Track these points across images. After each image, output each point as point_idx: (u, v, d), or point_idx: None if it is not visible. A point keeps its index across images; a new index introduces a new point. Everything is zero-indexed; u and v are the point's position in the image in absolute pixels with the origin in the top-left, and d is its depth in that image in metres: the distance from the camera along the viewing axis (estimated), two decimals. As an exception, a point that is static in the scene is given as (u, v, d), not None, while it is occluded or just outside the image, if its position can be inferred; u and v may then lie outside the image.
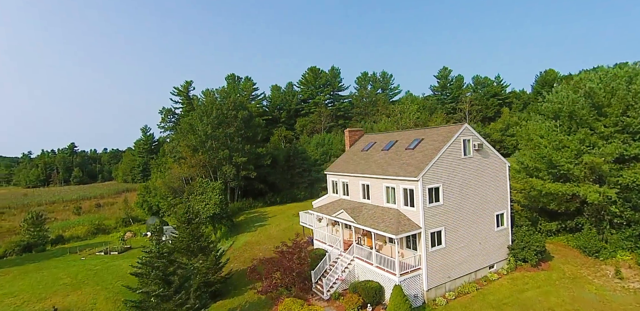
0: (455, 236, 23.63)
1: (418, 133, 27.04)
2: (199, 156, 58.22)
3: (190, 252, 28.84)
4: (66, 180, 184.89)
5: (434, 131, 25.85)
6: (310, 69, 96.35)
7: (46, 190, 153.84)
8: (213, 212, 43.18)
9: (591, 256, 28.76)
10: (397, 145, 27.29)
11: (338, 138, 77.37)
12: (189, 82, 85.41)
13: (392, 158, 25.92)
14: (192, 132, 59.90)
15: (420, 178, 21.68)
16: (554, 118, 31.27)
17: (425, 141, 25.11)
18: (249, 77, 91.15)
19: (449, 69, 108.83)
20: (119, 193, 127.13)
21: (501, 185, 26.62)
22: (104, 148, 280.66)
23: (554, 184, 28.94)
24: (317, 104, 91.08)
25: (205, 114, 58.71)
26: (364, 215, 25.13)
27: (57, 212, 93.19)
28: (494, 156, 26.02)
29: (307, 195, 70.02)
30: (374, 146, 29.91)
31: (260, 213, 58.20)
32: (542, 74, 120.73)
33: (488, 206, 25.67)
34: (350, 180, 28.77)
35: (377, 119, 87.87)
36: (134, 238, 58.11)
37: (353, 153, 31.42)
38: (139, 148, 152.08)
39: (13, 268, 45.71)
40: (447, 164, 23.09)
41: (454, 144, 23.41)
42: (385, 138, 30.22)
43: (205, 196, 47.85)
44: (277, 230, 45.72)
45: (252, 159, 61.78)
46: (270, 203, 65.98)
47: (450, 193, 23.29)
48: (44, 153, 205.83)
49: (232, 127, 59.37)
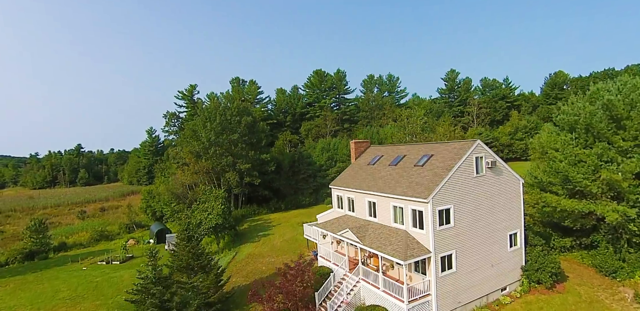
0: (466, 259, 22.46)
1: (427, 148, 25.86)
2: (202, 163, 57.39)
3: (190, 270, 27.90)
4: (72, 181, 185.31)
5: (443, 146, 24.65)
6: (316, 72, 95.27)
7: (52, 191, 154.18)
8: (215, 222, 42.24)
9: (608, 276, 27.44)
10: (405, 161, 26.13)
11: (344, 143, 76.29)
12: (193, 85, 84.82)
13: (399, 175, 24.77)
14: (195, 138, 59.08)
15: (430, 200, 20.54)
16: (570, 131, 29.93)
17: (434, 157, 23.94)
18: (253, 81, 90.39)
19: (456, 71, 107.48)
20: (124, 195, 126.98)
21: (515, 203, 25.39)
22: (111, 149, 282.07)
23: (569, 201, 27.63)
24: (323, 108, 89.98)
25: (208, 120, 57.85)
26: (370, 235, 24.02)
27: (61, 216, 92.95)
28: (507, 173, 24.79)
29: (312, 201, 69.13)
30: (380, 160, 28.76)
31: (264, 221, 57.27)
32: (552, 75, 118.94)
33: (501, 226, 24.45)
34: (356, 196, 27.66)
35: (384, 123, 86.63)
36: (136, 245, 57.41)
37: (359, 167, 30.29)
38: (144, 150, 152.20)
39: (14, 278, 45.20)
40: (458, 184, 21.91)
41: (466, 162, 22.23)
42: (392, 151, 29.06)
43: (208, 205, 46.98)
44: (281, 240, 44.75)
45: (256, 165, 60.88)
46: (275, 209, 65.08)
47: (462, 214, 22.12)
48: (50, 154, 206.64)
49: (236, 133, 58.44)
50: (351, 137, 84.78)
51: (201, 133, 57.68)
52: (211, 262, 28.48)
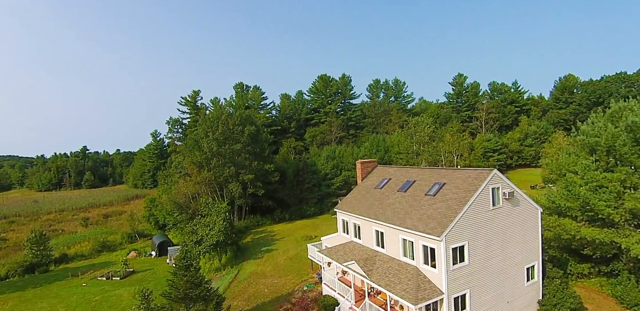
0: (481, 298, 20.95)
1: (438, 174, 24.33)
2: (205, 174, 56.17)
3: (189, 299, 26.62)
4: (78, 183, 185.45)
5: (456, 174, 23.12)
6: (320, 77, 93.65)
7: (57, 194, 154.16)
8: (217, 239, 40.98)
9: (629, 309, 25.78)
10: (415, 187, 24.64)
11: (349, 151, 74.86)
12: (196, 91, 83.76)
13: (409, 204, 23.29)
14: (197, 148, 57.89)
15: (444, 238, 19.05)
16: (590, 153, 28.24)
17: (447, 187, 22.43)
18: (257, 86, 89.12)
19: (464, 75, 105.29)
20: (128, 200, 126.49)
21: (532, 233, 23.83)
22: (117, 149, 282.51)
23: (589, 229, 26.00)
24: (328, 114, 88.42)
25: (210, 129, 56.63)
26: (378, 269, 22.58)
27: (65, 222, 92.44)
28: (525, 202, 23.23)
29: (317, 210, 67.81)
30: (388, 184, 27.28)
31: (268, 234, 55.99)
32: (562, 79, 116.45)
33: (517, 259, 22.91)
34: (362, 223, 26.22)
35: (390, 130, 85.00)
36: (138, 258, 56.45)
37: (366, 191, 28.81)
38: (149, 153, 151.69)
39: (14, 294, 44.40)
40: (473, 218, 20.39)
41: (482, 194, 20.69)
42: (400, 174, 27.56)
43: (210, 219, 45.77)
44: (284, 258, 43.37)
45: (259, 176, 59.59)
46: (279, 220, 63.80)
47: (477, 250, 20.61)
48: (56, 156, 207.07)
49: (239, 143, 57.16)
50: (357, 144, 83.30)
51: (203, 143, 56.47)
52: (210, 291, 27.19)
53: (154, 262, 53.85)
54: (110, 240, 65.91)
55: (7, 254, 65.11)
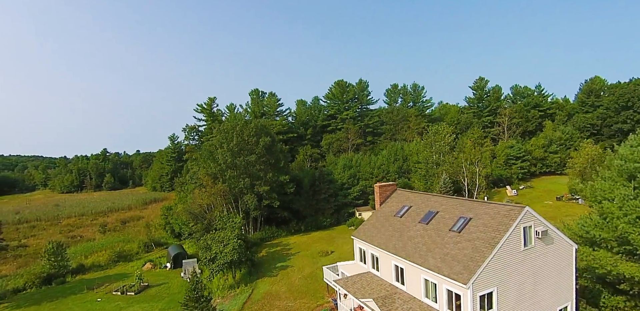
0: (510, 346, 19.27)
1: (464, 207, 22.66)
2: (219, 185, 55.49)
3: (199, 331, 25.71)
4: (98, 185, 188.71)
5: (483, 208, 21.43)
6: (337, 82, 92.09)
7: (78, 197, 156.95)
8: (231, 258, 40.08)
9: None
10: (437, 219, 23.05)
11: (366, 159, 73.22)
12: (212, 98, 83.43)
13: (432, 239, 21.73)
14: (211, 159, 57.24)
15: (471, 285, 17.46)
16: (628, 179, 26.06)
17: (473, 223, 20.78)
18: (273, 93, 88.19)
19: (485, 79, 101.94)
20: (146, 203, 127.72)
21: (567, 272, 22.01)
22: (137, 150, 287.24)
23: (628, 265, 23.90)
24: (345, 120, 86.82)
25: (225, 141, 55.88)
26: (398, 309, 21.09)
27: (84, 228, 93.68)
28: (559, 239, 21.42)
29: (333, 221, 66.58)
30: (409, 212, 25.72)
31: (283, 247, 54.98)
32: (588, 82, 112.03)
33: (549, 301, 21.12)
34: (381, 255, 24.77)
35: (409, 137, 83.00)
36: (153, 270, 56.17)
37: (384, 218, 27.32)
38: (167, 156, 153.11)
39: (29, 308, 44.52)
40: (502, 261, 18.72)
41: (512, 234, 19.00)
42: (422, 201, 25.96)
43: (224, 234, 44.93)
44: (299, 277, 42.22)
45: (275, 187, 58.61)
46: (294, 231, 62.76)
47: (506, 296, 18.94)
48: (78, 158, 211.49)
49: (254, 154, 56.26)
50: (374, 152, 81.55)
51: (217, 154, 55.78)
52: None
53: (169, 275, 53.42)
54: (126, 249, 65.99)
55: (26, 262, 65.99)
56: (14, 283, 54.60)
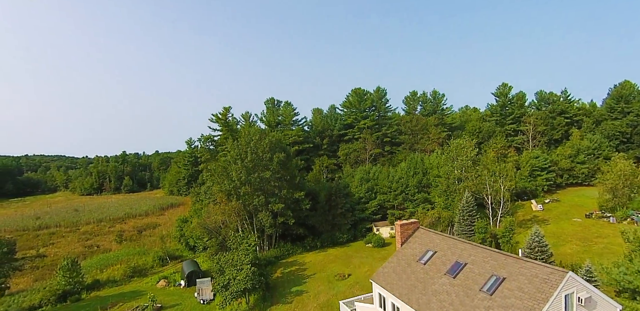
0: None
1: (496, 261, 20.50)
2: (233, 203, 54.28)
3: None
4: (117, 188, 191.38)
5: (518, 267, 19.24)
6: (354, 90, 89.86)
7: (97, 201, 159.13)
8: (244, 286, 38.69)
9: None
10: (466, 273, 20.97)
11: (385, 172, 71.04)
12: (227, 108, 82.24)
13: (460, 299, 19.68)
14: (225, 175, 56.02)
15: (507, 368, 15.41)
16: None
17: (507, 284, 18.65)
18: (289, 102, 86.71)
19: (509, 85, 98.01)
20: (163, 209, 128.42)
21: (611, 337, 19.62)
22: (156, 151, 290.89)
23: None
24: (362, 130, 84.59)
25: (239, 157, 54.60)
26: None
27: (101, 236, 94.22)
28: (602, 302, 19.05)
29: (350, 237, 64.74)
30: (433, 259, 23.69)
31: (299, 267, 53.44)
32: (617, 86, 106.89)
33: (595, 372, 18.84)
34: (402, 307, 22.83)
35: (428, 148, 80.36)
36: (167, 288, 55.36)
37: (406, 263, 25.32)
38: (183, 160, 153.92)
39: (43, 330, 44.19)
40: (542, 335, 16.58)
41: (553, 305, 16.83)
42: (447, 247, 23.89)
43: (237, 257, 43.57)
44: (315, 305, 40.58)
45: (290, 204, 57.08)
46: (310, 248, 61.12)
47: (547, 373, 16.78)
48: (98, 160, 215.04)
49: (268, 170, 54.82)
50: (392, 163, 79.21)
51: (232, 171, 54.54)
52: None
53: (183, 294, 52.46)
54: (141, 264, 65.49)
55: (43, 275, 66.30)
56: (30, 299, 54.68)
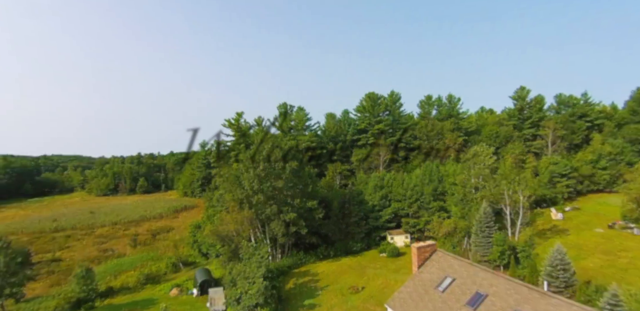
0: None
1: (519, 295, 19.39)
2: (246, 212, 53.87)
3: None
4: (132, 189, 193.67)
5: (544, 303, 18.11)
6: (368, 95, 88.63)
7: (112, 202, 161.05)
8: (256, 302, 38.15)
9: None
10: (487, 306, 19.92)
11: (399, 178, 69.84)
12: (240, 113, 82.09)
13: (482, 335, 18.64)
14: (237, 183, 55.64)
15: None
16: None
17: (533, 321, 17.55)
18: (301, 107, 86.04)
19: (527, 88, 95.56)
20: (178, 211, 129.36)
21: None
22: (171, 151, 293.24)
23: None
24: (376, 135, 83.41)
25: (252, 166, 54.14)
26: None
27: (116, 239, 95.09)
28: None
29: (364, 246, 63.97)
30: (452, 287, 22.67)
31: (312, 278, 52.73)
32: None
33: None
34: (420, 337, 21.87)
35: (444, 154, 78.82)
36: (179, 296, 55.26)
37: (424, 289, 24.31)
38: (197, 162, 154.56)
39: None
40: None
41: (584, 349, 15.71)
42: (467, 275, 22.83)
43: (250, 269, 43.10)
44: (328, 321, 39.84)
45: (302, 213, 56.42)
46: (323, 257, 60.39)
47: None
48: (114, 161, 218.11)
49: (281, 179, 54.25)
50: (407, 169, 77.90)
51: (244, 180, 54.13)
52: None
53: (195, 304, 52.24)
54: (154, 270, 65.71)
55: (58, 281, 66.96)
56: (45, 306, 55.21)
